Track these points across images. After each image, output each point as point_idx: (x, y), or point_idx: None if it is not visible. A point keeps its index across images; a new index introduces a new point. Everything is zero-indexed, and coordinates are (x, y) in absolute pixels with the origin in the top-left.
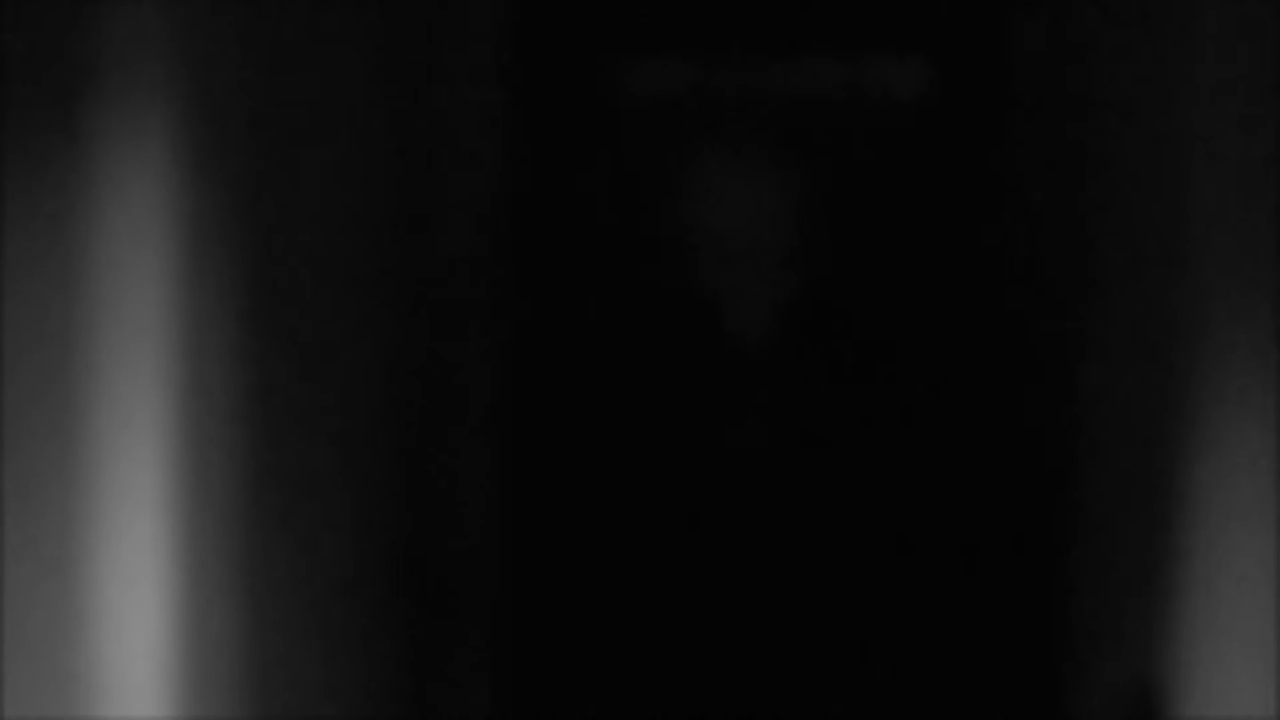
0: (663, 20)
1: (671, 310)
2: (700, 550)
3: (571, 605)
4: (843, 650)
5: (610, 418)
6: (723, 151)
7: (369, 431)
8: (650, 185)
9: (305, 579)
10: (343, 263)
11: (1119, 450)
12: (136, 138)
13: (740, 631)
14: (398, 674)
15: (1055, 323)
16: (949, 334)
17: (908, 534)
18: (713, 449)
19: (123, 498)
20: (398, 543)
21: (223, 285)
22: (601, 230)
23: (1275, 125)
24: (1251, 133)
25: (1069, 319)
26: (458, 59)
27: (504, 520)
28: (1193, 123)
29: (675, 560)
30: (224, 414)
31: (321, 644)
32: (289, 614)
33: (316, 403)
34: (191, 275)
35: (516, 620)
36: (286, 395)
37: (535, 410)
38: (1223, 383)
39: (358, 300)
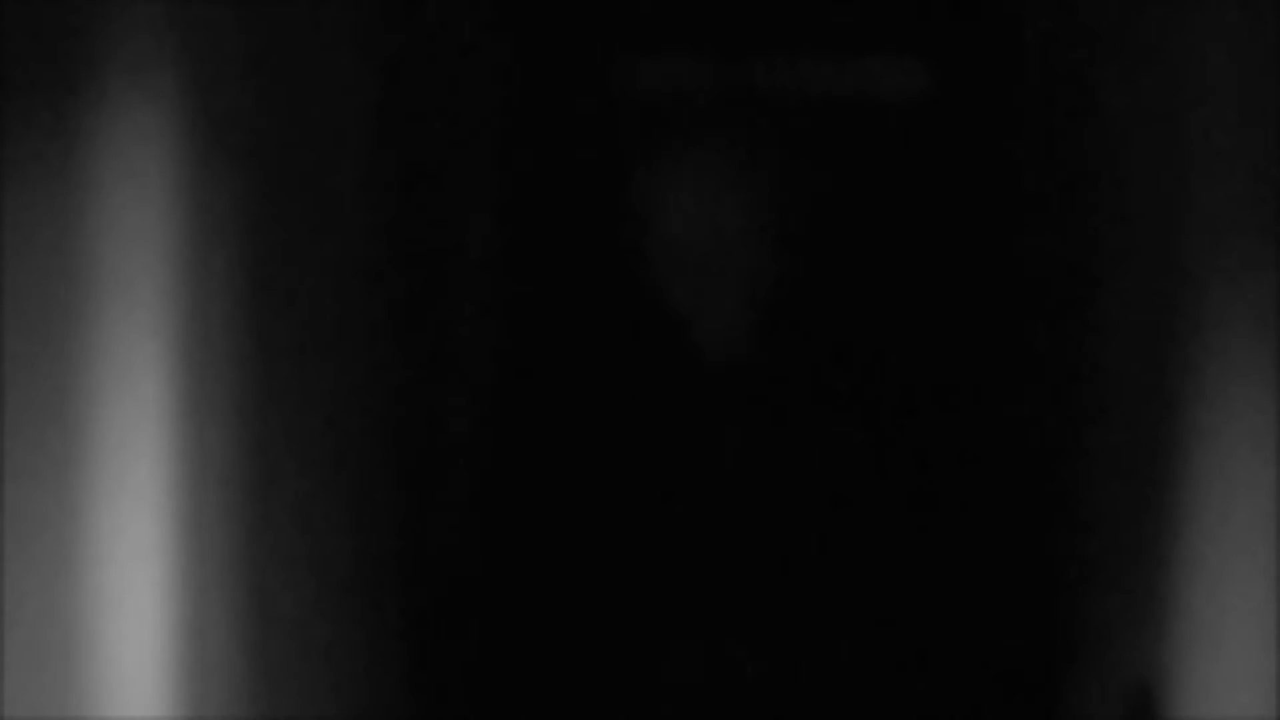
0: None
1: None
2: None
3: (561, 605)
4: (843, 653)
5: (612, 422)
6: (723, 150)
7: (368, 432)
8: (649, 184)
9: (304, 579)
10: (342, 262)
11: (1118, 453)
12: (136, 136)
13: (739, 633)
14: (396, 673)
15: (1054, 325)
16: (953, 334)
17: (907, 535)
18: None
19: (123, 498)
20: (396, 543)
21: (223, 284)
22: (600, 229)
23: (1277, 124)
24: (1254, 132)
25: (1068, 321)
26: (459, 60)
27: (500, 522)
28: (1195, 124)
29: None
30: (224, 414)
31: (320, 644)
32: (288, 613)
33: (316, 403)
34: (192, 274)
35: (510, 622)
36: (286, 395)
37: (534, 410)
38: (1222, 384)
39: (357, 301)
